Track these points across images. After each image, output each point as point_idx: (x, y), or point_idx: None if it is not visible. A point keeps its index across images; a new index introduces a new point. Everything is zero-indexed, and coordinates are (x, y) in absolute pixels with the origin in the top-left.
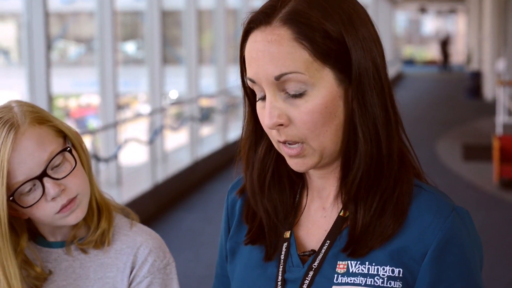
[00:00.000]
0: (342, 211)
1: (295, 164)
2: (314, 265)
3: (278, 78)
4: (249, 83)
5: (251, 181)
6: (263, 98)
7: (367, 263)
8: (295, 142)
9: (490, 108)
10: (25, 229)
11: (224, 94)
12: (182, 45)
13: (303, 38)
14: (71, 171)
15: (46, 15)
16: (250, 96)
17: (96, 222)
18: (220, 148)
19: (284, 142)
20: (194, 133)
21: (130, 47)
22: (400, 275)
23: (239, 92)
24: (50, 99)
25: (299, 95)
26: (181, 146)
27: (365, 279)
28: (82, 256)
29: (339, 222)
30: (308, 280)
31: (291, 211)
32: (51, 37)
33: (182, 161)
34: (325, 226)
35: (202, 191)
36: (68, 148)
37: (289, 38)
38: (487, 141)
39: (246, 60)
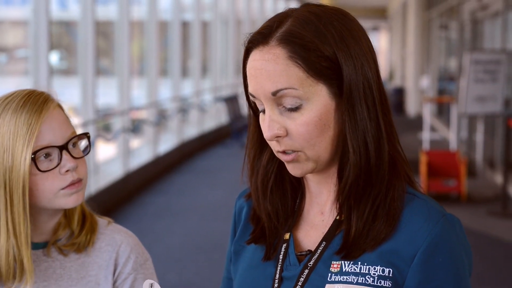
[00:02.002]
0: (339, 215)
1: (292, 169)
2: (310, 264)
3: (274, 94)
4: (251, 97)
5: (255, 186)
6: (264, 111)
7: (359, 263)
8: (293, 151)
9: (413, 124)
10: None
11: (154, 106)
12: (108, 56)
13: (297, 57)
14: (85, 155)
15: None
16: (254, 109)
17: (79, 228)
18: (151, 161)
19: (283, 152)
20: (125, 145)
21: (53, 57)
22: (390, 275)
23: (170, 105)
24: None
25: (295, 109)
26: (111, 158)
27: (357, 277)
28: (61, 257)
29: (335, 225)
30: (303, 277)
31: (291, 215)
32: None
33: (114, 173)
34: (322, 228)
35: (135, 203)
36: (88, 135)
37: (283, 57)
38: (414, 156)
39: (247, 76)
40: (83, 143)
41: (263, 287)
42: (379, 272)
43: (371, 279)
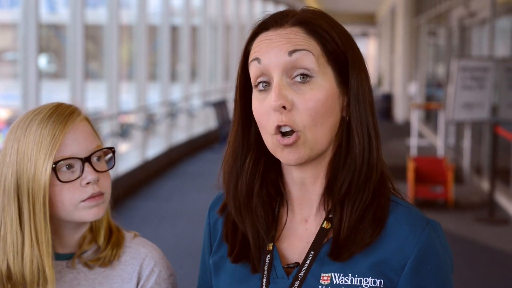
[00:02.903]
0: (325, 222)
1: (287, 155)
2: (300, 276)
3: (291, 53)
4: (254, 70)
5: (235, 193)
6: (264, 90)
7: (350, 274)
8: (292, 131)
9: (401, 130)
10: None
11: (143, 111)
12: (97, 60)
13: (314, 34)
14: (108, 170)
15: None
16: (243, 101)
17: (105, 244)
18: (140, 165)
19: (280, 131)
20: (115, 148)
21: (42, 61)
22: (381, 286)
23: (158, 109)
24: None
25: (306, 81)
26: None
27: None
28: (85, 269)
29: (322, 234)
30: None
31: (272, 224)
32: None
33: None
34: (307, 238)
35: (123, 208)
36: (113, 150)
37: (302, 32)
38: (401, 162)
39: (254, 50)
40: (109, 157)
41: None
42: (371, 284)
43: None
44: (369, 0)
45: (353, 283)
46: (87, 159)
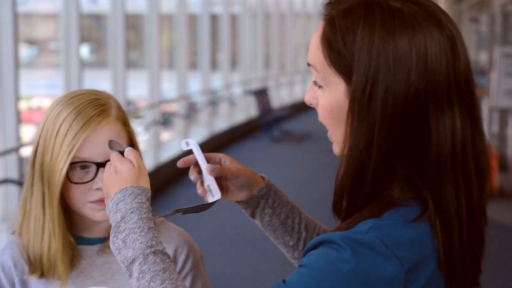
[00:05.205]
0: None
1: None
2: None
3: (308, 65)
4: None
5: None
6: None
7: None
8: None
9: None
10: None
11: (184, 100)
12: (136, 49)
13: (326, 43)
14: None
15: (15, 16)
16: None
17: None
18: (182, 153)
19: None
20: (156, 137)
21: (83, 50)
22: None
23: (199, 98)
24: (18, 100)
25: (320, 87)
26: (142, 151)
27: None
28: None
29: None
30: None
31: None
32: None
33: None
34: None
35: (165, 196)
36: None
37: (319, 36)
38: None
39: None
40: None
41: None
42: None
43: None
44: None
45: None
46: (102, 165)
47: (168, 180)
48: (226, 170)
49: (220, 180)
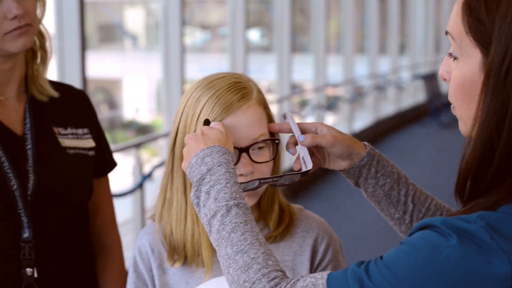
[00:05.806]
0: None
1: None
2: None
3: (446, 33)
4: None
5: None
6: None
7: None
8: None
9: None
10: None
11: (350, 84)
12: (306, 33)
13: (467, 9)
14: (269, 161)
15: (183, 1)
16: None
17: (275, 225)
18: None
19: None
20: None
21: (254, 35)
22: None
23: (366, 82)
24: (183, 83)
25: (455, 58)
26: None
27: None
28: None
29: None
30: None
31: None
32: None
33: None
34: None
35: (327, 180)
36: (277, 141)
37: (462, 1)
38: None
39: None
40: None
41: None
42: None
43: None
44: None
45: None
46: (244, 150)
47: None
48: (320, 139)
49: (318, 150)
